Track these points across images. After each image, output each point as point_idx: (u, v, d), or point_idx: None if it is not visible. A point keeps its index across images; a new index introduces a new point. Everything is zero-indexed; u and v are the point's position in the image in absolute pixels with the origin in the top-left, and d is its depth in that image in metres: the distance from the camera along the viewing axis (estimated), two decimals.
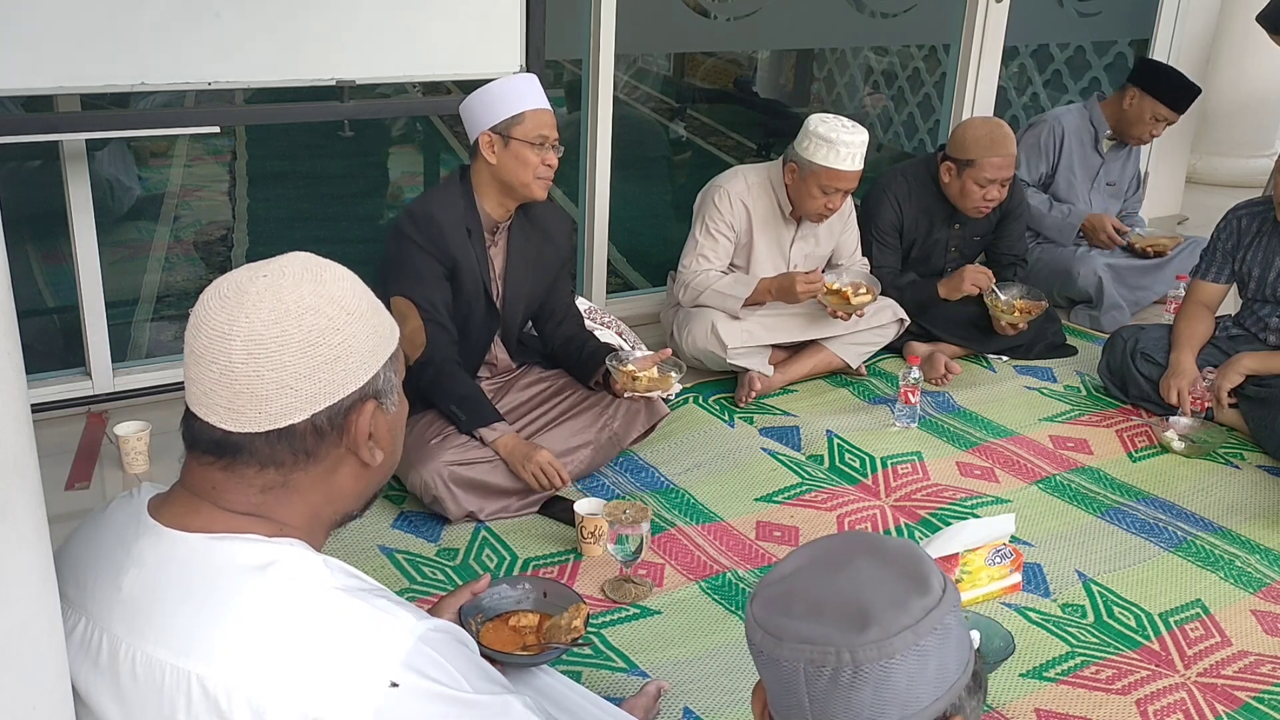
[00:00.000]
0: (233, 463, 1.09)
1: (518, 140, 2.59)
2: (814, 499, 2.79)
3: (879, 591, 0.99)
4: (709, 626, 2.30)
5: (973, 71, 4.38)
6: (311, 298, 1.08)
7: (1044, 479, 2.96)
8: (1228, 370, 3.16)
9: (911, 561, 1.02)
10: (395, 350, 1.17)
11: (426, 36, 2.99)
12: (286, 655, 1.02)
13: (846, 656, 0.95)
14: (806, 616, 0.99)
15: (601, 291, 3.81)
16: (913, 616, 0.97)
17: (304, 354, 1.07)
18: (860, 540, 1.07)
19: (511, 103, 2.61)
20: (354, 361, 1.10)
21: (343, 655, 1.03)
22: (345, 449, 1.13)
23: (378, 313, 1.15)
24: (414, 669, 1.04)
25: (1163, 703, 2.12)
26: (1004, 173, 3.48)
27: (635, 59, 4.35)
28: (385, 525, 2.62)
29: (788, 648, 0.98)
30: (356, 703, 1.01)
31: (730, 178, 3.37)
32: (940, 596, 0.99)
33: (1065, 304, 4.07)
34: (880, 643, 0.95)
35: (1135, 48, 4.91)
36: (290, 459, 1.10)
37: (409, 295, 2.59)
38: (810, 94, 5.14)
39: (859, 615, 0.97)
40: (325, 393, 1.09)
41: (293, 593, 1.05)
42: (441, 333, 2.62)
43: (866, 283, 3.35)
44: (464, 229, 2.65)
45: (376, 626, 1.05)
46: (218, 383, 1.07)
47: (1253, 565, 2.59)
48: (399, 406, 1.19)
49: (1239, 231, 3.27)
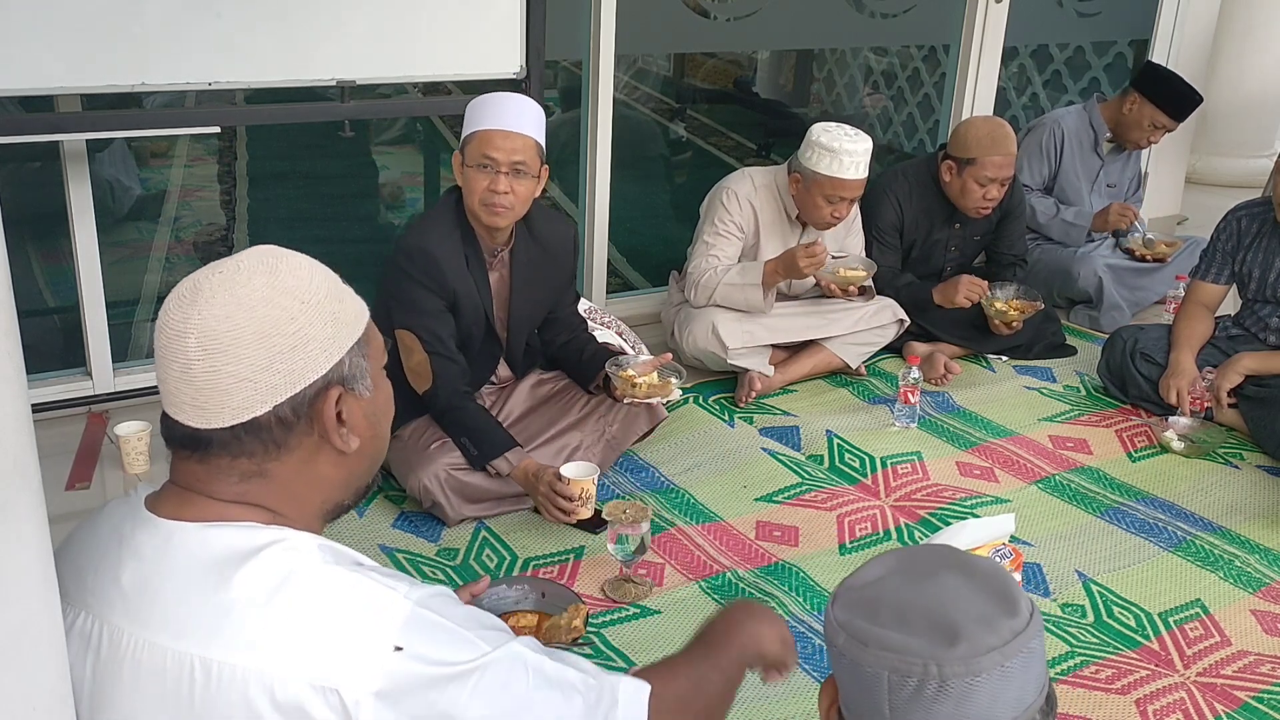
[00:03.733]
0: (206, 456, 1.10)
1: (467, 163, 2.54)
2: (814, 499, 2.79)
3: (968, 608, 0.99)
4: None
5: (972, 72, 4.38)
6: (264, 290, 1.08)
7: (1044, 479, 2.96)
8: (1227, 370, 3.16)
9: (1000, 582, 1.02)
10: (363, 335, 1.16)
11: (426, 37, 2.99)
12: (288, 630, 1.03)
13: (934, 669, 0.95)
14: (893, 625, 0.99)
15: (601, 291, 3.81)
16: (1001, 638, 0.96)
17: (259, 346, 1.07)
18: (947, 554, 1.07)
19: (471, 122, 2.55)
20: (313, 350, 1.10)
21: (344, 625, 1.04)
22: (318, 436, 1.13)
23: (338, 299, 1.14)
24: (416, 630, 1.05)
25: (1162, 702, 2.12)
26: (1004, 172, 3.48)
27: (635, 59, 4.35)
28: (386, 525, 2.62)
29: (872, 654, 0.98)
30: (363, 670, 1.02)
31: (738, 179, 3.38)
32: (1028, 620, 0.99)
33: (1065, 304, 4.08)
34: (968, 660, 0.95)
35: (1135, 48, 4.91)
36: (261, 450, 1.10)
37: (411, 329, 2.55)
38: (810, 94, 5.14)
39: (948, 630, 0.97)
40: (286, 383, 1.08)
41: (290, 570, 1.06)
42: (448, 364, 2.57)
43: (860, 263, 3.35)
44: (462, 258, 2.59)
45: (375, 595, 1.06)
46: (180, 381, 1.08)
47: (1252, 565, 2.59)
48: (376, 391, 1.18)
49: (1239, 232, 3.27)
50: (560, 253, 2.80)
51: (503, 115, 2.52)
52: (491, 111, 2.53)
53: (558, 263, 2.80)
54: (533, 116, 2.56)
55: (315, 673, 1.01)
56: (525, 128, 2.52)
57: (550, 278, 2.79)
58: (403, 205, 4.16)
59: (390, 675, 1.03)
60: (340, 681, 1.01)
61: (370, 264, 3.56)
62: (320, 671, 1.02)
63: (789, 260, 3.22)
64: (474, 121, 2.54)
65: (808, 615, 2.34)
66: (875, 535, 2.66)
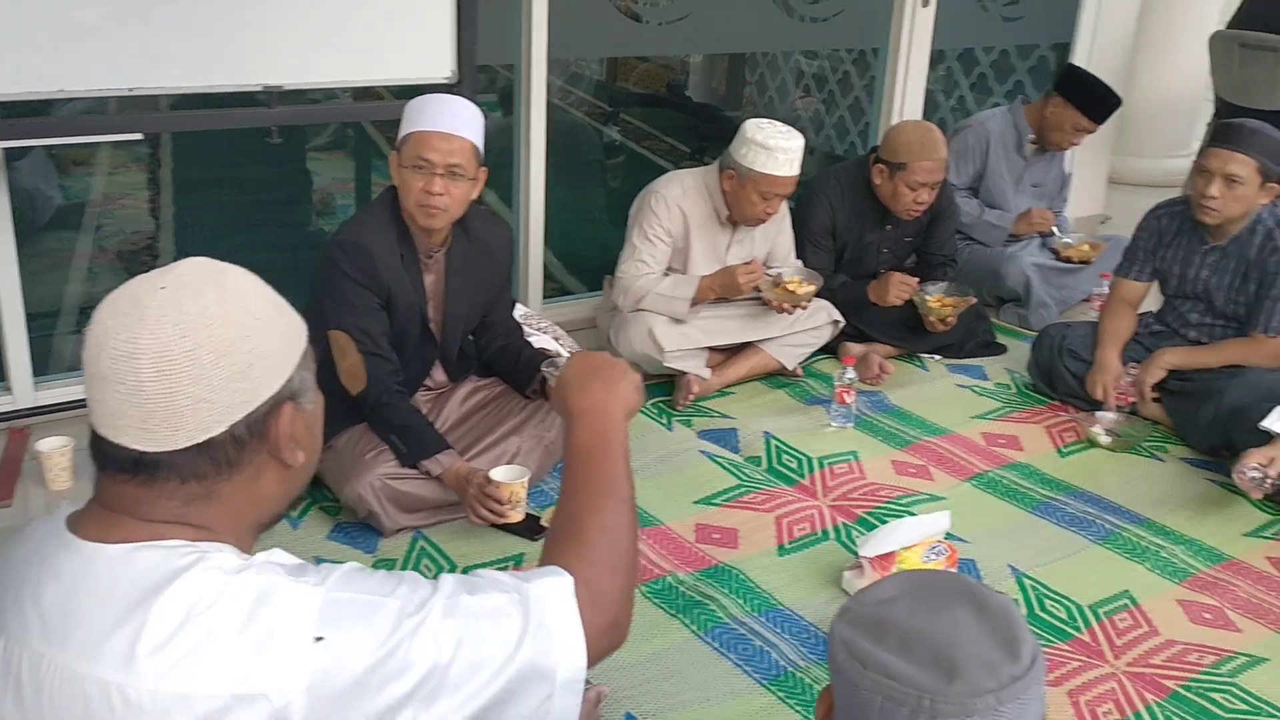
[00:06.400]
0: (151, 479, 1.07)
1: (403, 164, 2.52)
2: (753, 500, 2.80)
3: (972, 647, 0.98)
4: (650, 631, 2.30)
5: (901, 75, 4.45)
6: (216, 306, 1.06)
7: (977, 476, 3.01)
8: (1150, 365, 3.24)
9: (1009, 623, 1.02)
10: (305, 348, 1.15)
11: (356, 41, 2.95)
12: (204, 647, 1.00)
13: (926, 703, 0.95)
14: (895, 650, 0.99)
15: (538, 297, 3.80)
16: (999, 682, 0.96)
17: (216, 366, 1.05)
18: (963, 586, 1.06)
19: (408, 122, 2.53)
20: (268, 366, 1.08)
21: (259, 631, 1.01)
22: (267, 454, 1.11)
23: (284, 313, 1.13)
24: (332, 617, 1.03)
25: (1094, 693, 2.17)
26: (934, 176, 3.53)
27: (569, 63, 4.34)
28: (320, 537, 2.58)
29: (869, 677, 0.98)
30: (287, 670, 1.00)
31: (666, 183, 3.39)
32: (1028, 668, 0.98)
33: (995, 303, 4.15)
34: (963, 700, 0.95)
35: (1057, 51, 5.02)
36: (212, 471, 1.08)
37: (345, 327, 2.52)
38: (743, 97, 5.18)
39: (949, 666, 0.97)
40: (242, 402, 1.07)
41: (206, 588, 1.03)
42: (382, 363, 2.55)
43: (807, 276, 3.40)
44: (397, 255, 2.57)
45: (285, 594, 1.04)
46: (127, 403, 1.04)
47: (1178, 556, 2.66)
48: (316, 403, 1.17)
49: (1159, 231, 3.36)
50: (496, 255, 2.79)
51: (440, 117, 2.51)
52: (429, 113, 2.52)
53: (494, 265, 2.78)
54: (470, 118, 2.55)
55: (238, 684, 0.99)
56: (462, 130, 2.51)
57: (486, 280, 2.78)
58: (334, 212, 4.11)
59: (317, 668, 1.01)
60: (265, 686, 0.99)
61: (302, 272, 3.51)
62: (242, 682, 0.99)
63: (728, 280, 3.26)
64: (411, 122, 2.53)
65: (748, 617, 2.36)
66: (814, 535, 2.68)
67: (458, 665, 1.06)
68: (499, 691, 1.08)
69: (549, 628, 1.11)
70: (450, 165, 2.49)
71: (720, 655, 2.24)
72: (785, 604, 2.41)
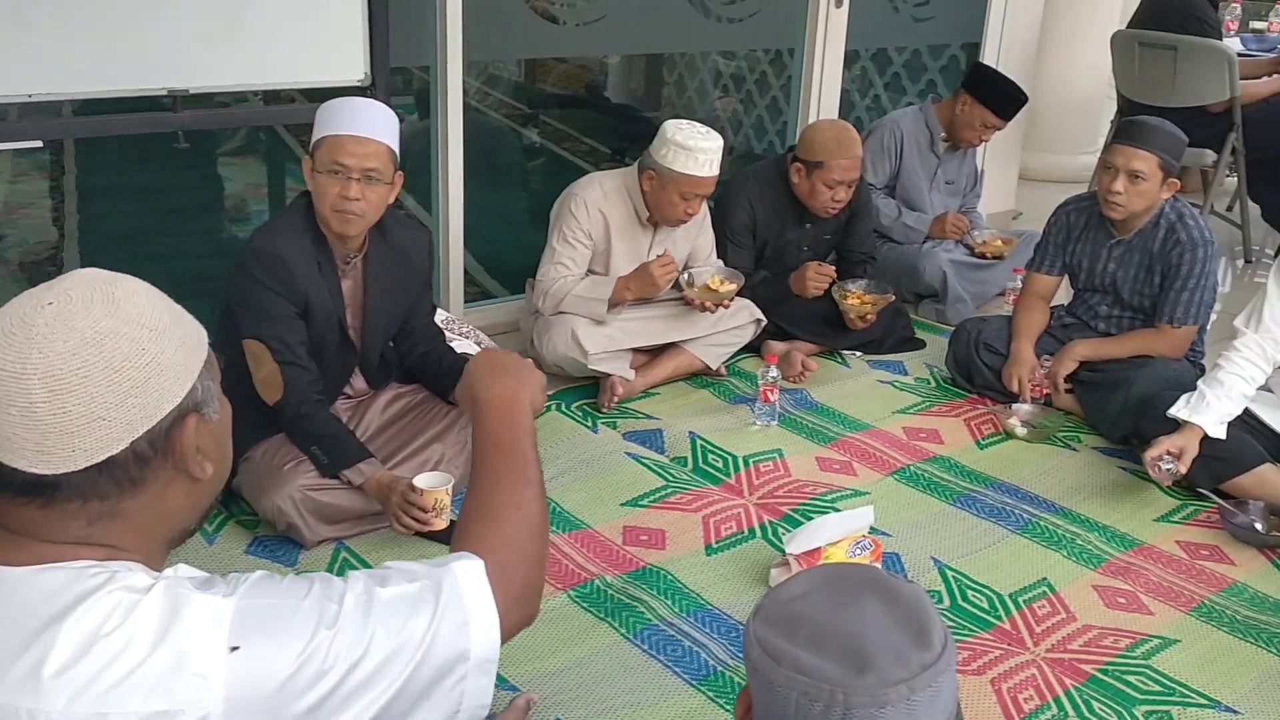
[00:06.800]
0: (51, 501, 1.04)
1: (317, 169, 2.47)
2: (680, 501, 2.81)
3: (882, 638, 0.99)
4: (578, 635, 2.29)
5: (817, 75, 4.49)
6: (107, 321, 1.03)
7: (899, 470, 3.05)
8: (1062, 357, 3.32)
9: (918, 612, 1.03)
10: (208, 356, 1.12)
11: (265, 44, 2.89)
12: (115, 668, 0.98)
13: (840, 697, 0.96)
14: (808, 646, 0.99)
15: (459, 301, 3.76)
16: (910, 671, 0.97)
17: (111, 382, 1.02)
18: (873, 577, 1.07)
19: (321, 126, 2.48)
20: (166, 379, 1.05)
21: (171, 647, 0.99)
22: (173, 468, 1.08)
23: (182, 322, 1.10)
24: (246, 625, 1.01)
25: (1015, 680, 2.21)
26: (851, 174, 3.58)
27: (486, 65, 4.31)
28: (238, 551, 2.53)
29: (784, 674, 0.98)
30: (202, 684, 0.98)
31: (586, 185, 3.38)
32: (939, 654, 0.99)
33: (913, 299, 4.22)
34: (875, 691, 0.96)
35: (967, 51, 5.12)
36: (116, 490, 1.05)
37: (260, 337, 2.46)
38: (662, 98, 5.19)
39: (860, 658, 0.97)
40: (141, 418, 1.04)
41: (117, 605, 1.01)
42: (300, 373, 2.50)
43: (728, 275, 3.42)
44: (313, 262, 2.52)
45: (195, 607, 1.02)
46: (20, 426, 1.01)
47: (1092, 543, 2.73)
48: (222, 412, 1.14)
49: (1068, 226, 3.44)
50: (415, 260, 2.75)
51: (355, 120, 2.47)
52: (343, 116, 2.48)
53: (412, 270, 2.75)
54: (386, 122, 2.51)
55: (154, 702, 0.97)
56: (378, 133, 2.47)
57: (405, 285, 2.74)
58: (247, 218, 4.02)
59: (234, 678, 0.99)
60: (180, 702, 0.97)
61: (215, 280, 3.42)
62: (159, 699, 0.97)
63: (644, 277, 3.26)
64: (325, 126, 2.48)
65: (677, 618, 2.36)
66: (740, 534, 2.69)
67: (375, 658, 1.05)
68: (414, 677, 1.07)
69: (463, 610, 1.12)
70: (366, 170, 2.45)
71: (650, 657, 2.24)
72: (714, 603, 2.42)
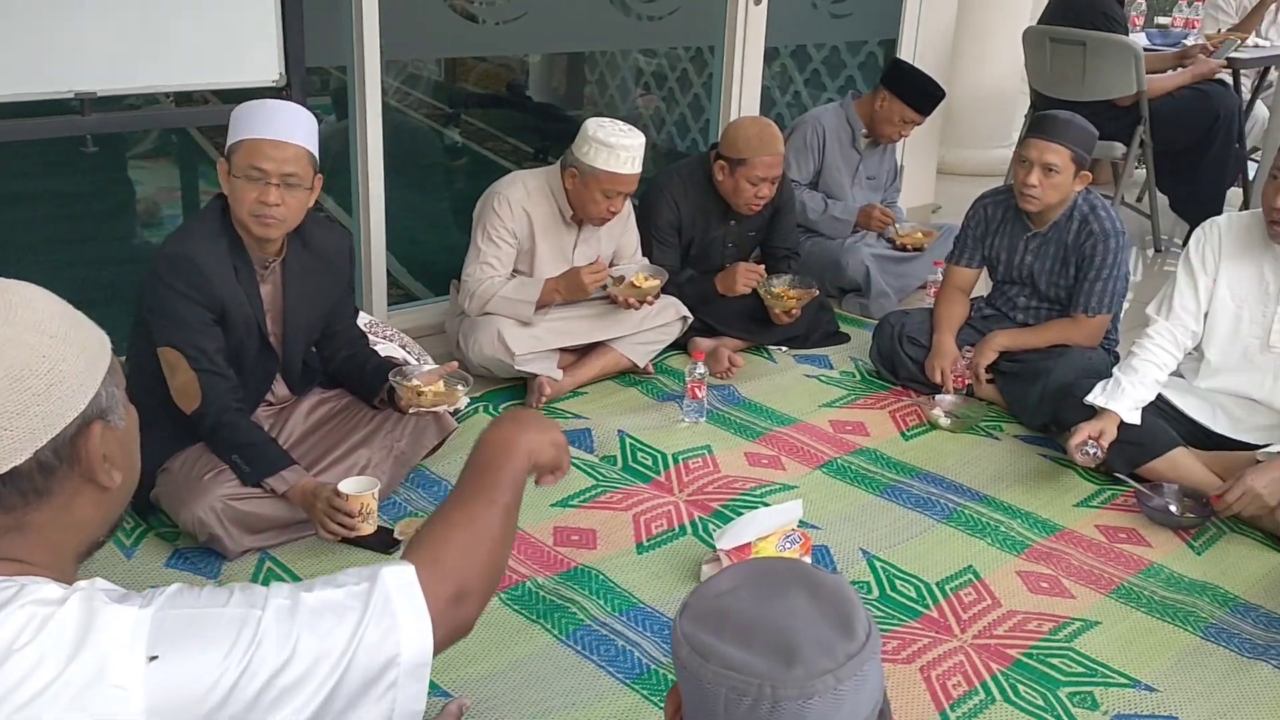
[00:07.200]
0: None
1: (234, 173, 2.42)
2: (610, 500, 2.81)
3: (809, 630, 1.00)
4: (510, 639, 2.27)
5: (737, 72, 4.52)
6: (4, 328, 1.00)
7: (826, 463, 3.08)
8: (983, 348, 3.39)
9: (843, 603, 1.04)
10: (111, 362, 1.09)
11: (175, 45, 2.82)
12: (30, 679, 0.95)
13: (768, 690, 0.97)
14: (735, 641, 1.00)
15: (382, 304, 3.71)
16: (836, 661, 0.98)
17: (11, 391, 0.99)
18: (798, 570, 1.08)
19: (237, 129, 2.43)
20: (69, 387, 1.03)
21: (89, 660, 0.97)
22: (80, 478, 1.06)
23: (82, 328, 1.07)
24: (165, 634, 1.00)
25: (944, 667, 2.25)
26: (774, 171, 3.60)
27: (405, 65, 4.25)
28: (158, 564, 2.46)
29: (712, 671, 0.99)
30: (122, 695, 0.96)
31: (509, 184, 3.35)
32: (863, 644, 1.00)
33: (837, 293, 4.26)
34: (802, 683, 0.97)
35: (884, 47, 5.19)
36: (20, 502, 1.02)
37: (176, 345, 2.40)
38: (584, 96, 5.17)
39: (787, 651, 0.98)
40: (44, 427, 1.01)
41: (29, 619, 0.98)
42: (217, 380, 2.44)
43: (652, 272, 3.42)
44: (230, 267, 2.46)
45: (112, 619, 1.00)
46: None
47: (1015, 529, 2.78)
48: (128, 419, 1.12)
49: (986, 219, 3.51)
50: (336, 262, 2.70)
51: (271, 123, 2.41)
52: (259, 119, 2.42)
53: (333, 273, 2.70)
54: (303, 124, 2.46)
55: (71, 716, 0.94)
56: (296, 137, 2.42)
57: (326, 289, 2.69)
58: (160, 223, 3.91)
59: (155, 688, 0.97)
60: (100, 714, 0.95)
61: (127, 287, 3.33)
62: (76, 713, 0.95)
63: (573, 280, 3.25)
64: (241, 129, 2.42)
65: (609, 618, 2.35)
66: (671, 531, 2.69)
67: (301, 664, 1.04)
68: (343, 682, 1.06)
69: (391, 614, 1.10)
70: (285, 175, 2.40)
71: (583, 658, 2.23)
72: (646, 602, 2.42)
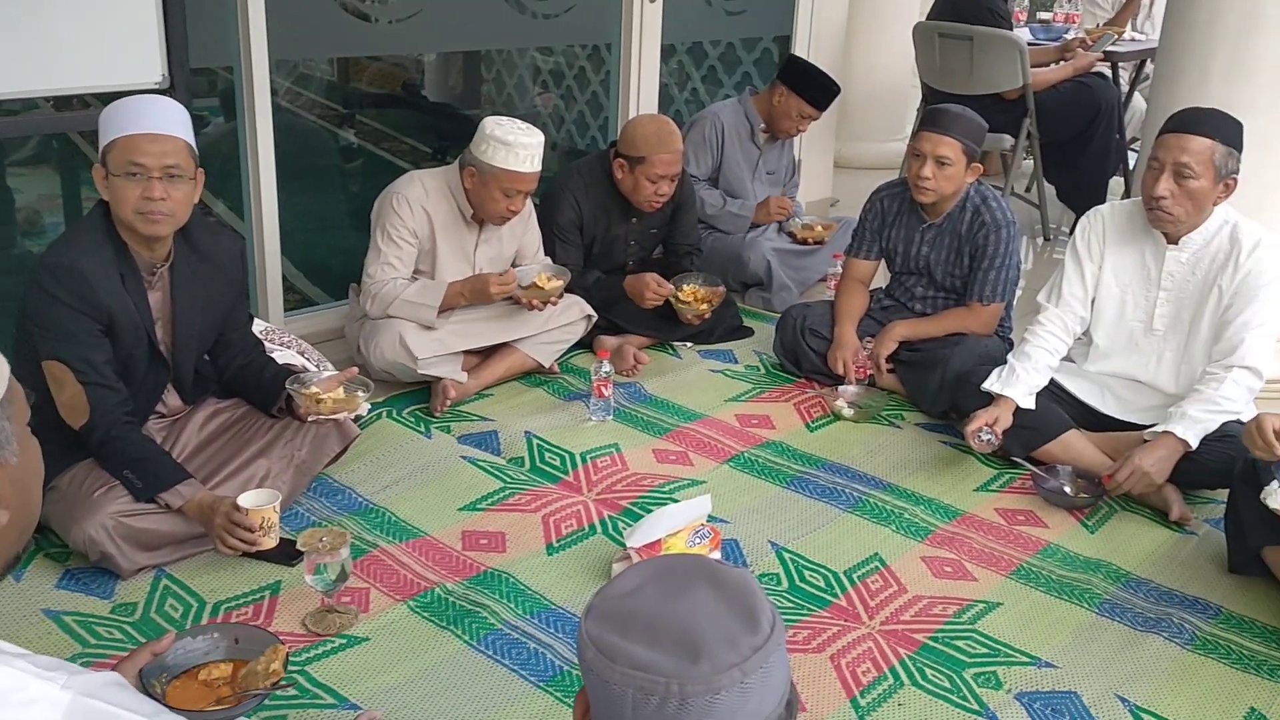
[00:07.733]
0: None
1: (112, 173, 2.33)
2: (518, 502, 2.78)
3: (713, 625, 1.01)
4: (420, 646, 2.24)
5: (634, 70, 4.52)
6: None
7: (734, 457, 3.10)
8: (883, 338, 3.45)
9: (746, 597, 1.04)
10: (6, 394, 1.04)
11: (55, 46, 2.71)
12: None
13: (675, 688, 0.97)
14: (641, 641, 0.99)
15: (279, 310, 3.62)
16: (741, 654, 0.99)
17: None
18: (701, 566, 1.08)
19: (109, 129, 2.34)
20: None
21: None
22: None
23: None
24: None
25: (853, 654, 2.28)
26: (673, 168, 3.61)
27: (296, 65, 4.15)
28: (49, 586, 2.36)
29: (619, 672, 0.98)
30: None
31: (407, 183, 3.30)
32: (768, 636, 1.01)
33: (739, 288, 4.29)
34: (709, 678, 0.97)
35: (779, 44, 5.24)
36: None
37: (61, 358, 2.30)
38: (481, 95, 5.12)
39: (692, 647, 0.98)
40: None
41: None
42: (106, 393, 2.35)
43: (555, 272, 3.39)
44: (116, 275, 2.37)
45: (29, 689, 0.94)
46: None
47: (919, 516, 2.84)
48: (24, 455, 1.06)
49: (882, 212, 3.57)
50: (227, 267, 2.62)
51: (144, 118, 2.33)
52: (131, 115, 2.34)
53: (225, 278, 2.62)
54: (176, 115, 2.39)
55: None
56: (172, 129, 2.35)
57: (218, 294, 2.61)
58: (41, 231, 3.76)
59: None
60: None
61: (8, 299, 3.19)
62: None
63: (479, 287, 3.22)
64: (113, 128, 2.33)
65: (521, 621, 2.33)
66: (581, 531, 2.68)
67: None
68: None
69: None
70: (166, 167, 2.32)
71: (495, 663, 2.21)
72: (557, 603, 2.40)
